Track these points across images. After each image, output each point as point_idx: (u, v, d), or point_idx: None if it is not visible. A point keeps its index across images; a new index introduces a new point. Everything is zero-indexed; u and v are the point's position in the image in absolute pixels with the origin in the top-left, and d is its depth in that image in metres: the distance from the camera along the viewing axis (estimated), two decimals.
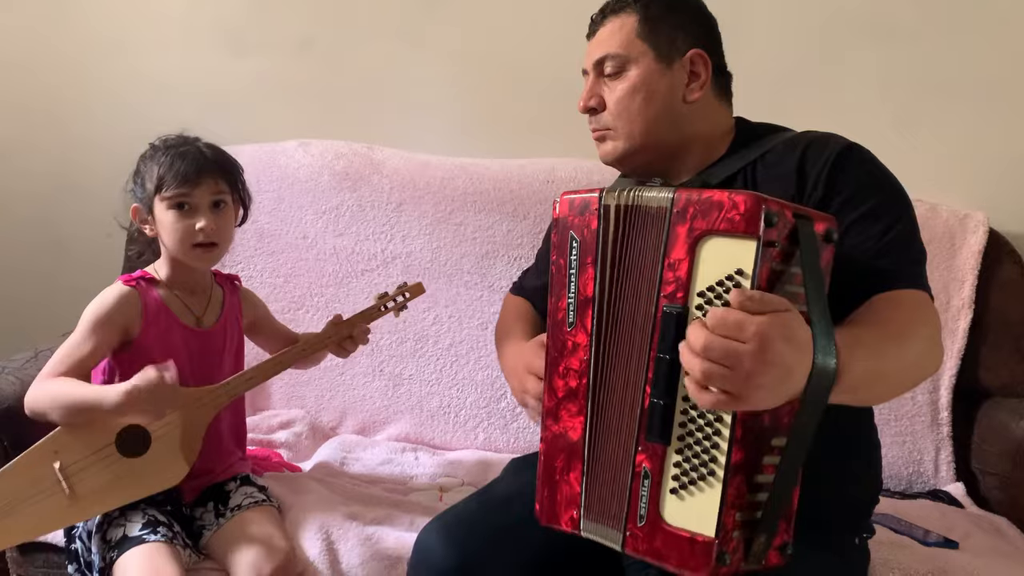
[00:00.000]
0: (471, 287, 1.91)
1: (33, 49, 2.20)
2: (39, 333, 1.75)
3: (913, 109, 1.98)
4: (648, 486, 0.92)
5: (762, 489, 0.88)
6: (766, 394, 0.82)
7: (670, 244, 0.91)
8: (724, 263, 0.86)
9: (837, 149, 1.12)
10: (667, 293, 0.91)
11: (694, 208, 0.89)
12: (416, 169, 1.97)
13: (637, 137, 1.21)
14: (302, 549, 1.34)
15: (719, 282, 0.86)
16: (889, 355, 0.95)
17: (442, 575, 1.11)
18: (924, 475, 1.77)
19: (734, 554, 0.87)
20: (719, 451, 0.86)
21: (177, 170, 1.33)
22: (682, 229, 0.90)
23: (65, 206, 2.22)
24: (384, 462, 1.74)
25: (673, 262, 0.90)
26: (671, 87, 1.20)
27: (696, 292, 0.88)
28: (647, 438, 0.92)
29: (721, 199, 0.87)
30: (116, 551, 1.27)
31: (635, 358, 0.95)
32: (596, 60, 1.23)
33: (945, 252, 1.81)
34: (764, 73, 1.49)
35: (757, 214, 0.84)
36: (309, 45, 2.14)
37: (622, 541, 0.95)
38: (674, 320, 0.89)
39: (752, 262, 0.84)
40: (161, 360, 1.33)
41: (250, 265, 1.93)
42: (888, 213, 1.08)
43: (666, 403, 0.90)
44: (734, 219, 0.85)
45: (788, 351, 0.81)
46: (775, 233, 0.85)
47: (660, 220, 0.93)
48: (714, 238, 0.87)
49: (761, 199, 0.85)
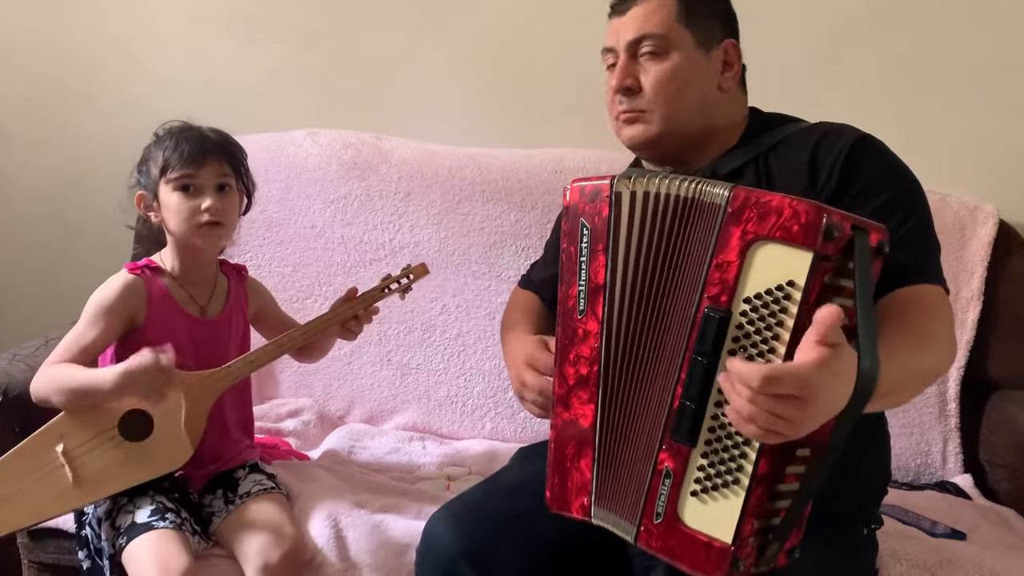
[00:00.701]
0: (479, 277, 1.91)
1: (39, 41, 2.21)
2: (49, 321, 1.76)
3: (923, 100, 1.97)
4: (669, 485, 0.91)
5: (782, 497, 0.88)
6: (811, 427, 0.82)
7: (720, 244, 0.88)
8: (776, 272, 0.84)
9: (851, 140, 1.11)
10: (711, 295, 0.88)
11: (751, 211, 0.86)
12: (424, 159, 1.97)
13: (671, 122, 1.18)
14: (311, 536, 1.35)
15: (768, 291, 0.84)
16: (921, 359, 0.95)
17: (450, 563, 1.11)
18: (932, 466, 1.77)
19: (747, 559, 0.88)
20: (747, 460, 0.86)
21: (182, 151, 1.33)
22: (735, 230, 0.87)
23: (73, 196, 2.24)
24: (392, 451, 1.75)
25: (721, 263, 0.88)
26: (708, 74, 1.20)
27: (742, 298, 0.86)
28: (673, 437, 0.91)
29: (781, 205, 0.84)
30: (125, 537, 1.28)
31: (666, 355, 0.94)
32: (632, 39, 1.19)
33: (955, 243, 1.80)
34: (774, 64, 1.48)
35: (817, 226, 0.81)
36: (317, 35, 2.14)
37: (635, 534, 0.95)
38: (716, 324, 0.87)
39: (805, 275, 0.82)
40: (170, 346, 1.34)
41: (259, 254, 1.93)
42: (903, 206, 1.07)
43: (697, 406, 0.89)
44: (792, 229, 0.83)
45: (835, 388, 0.80)
46: (832, 247, 0.82)
47: (708, 215, 0.90)
48: (768, 244, 0.85)
49: (823, 210, 0.82)
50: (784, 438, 0.81)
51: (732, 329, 0.86)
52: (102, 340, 1.34)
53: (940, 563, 1.27)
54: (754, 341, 0.85)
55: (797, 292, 0.82)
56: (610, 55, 1.24)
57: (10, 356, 1.59)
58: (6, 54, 2.22)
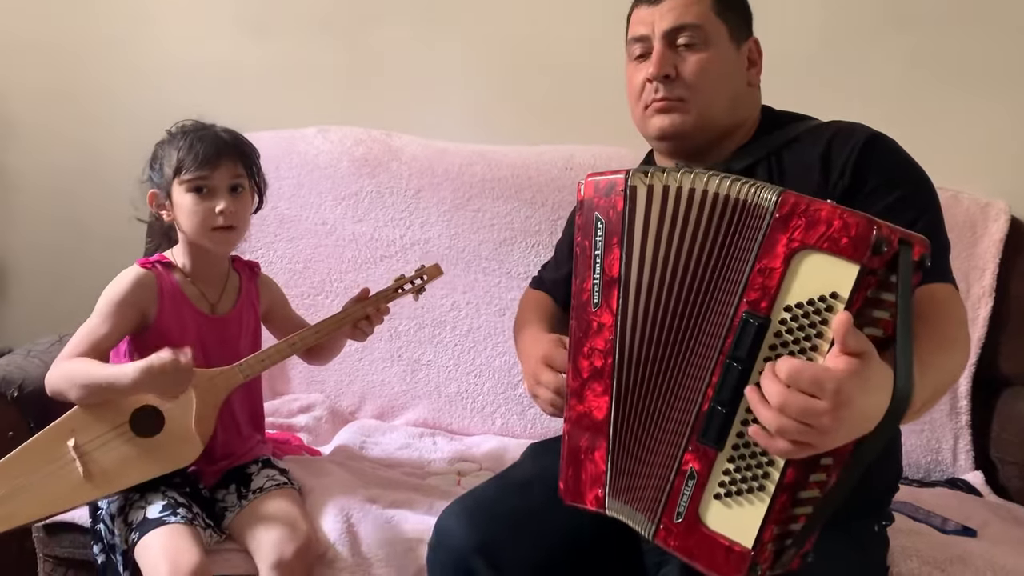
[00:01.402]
0: (489, 273, 1.91)
1: (50, 37, 2.22)
2: (62, 318, 1.77)
3: (935, 97, 1.96)
4: (692, 486, 0.91)
5: (803, 504, 0.88)
6: (841, 440, 0.81)
7: (765, 249, 0.86)
8: (820, 282, 0.82)
9: (863, 138, 1.11)
10: (751, 299, 0.87)
11: (799, 219, 0.84)
12: (434, 156, 1.97)
13: (707, 113, 1.18)
14: (323, 531, 1.36)
15: (810, 301, 0.83)
16: (946, 371, 0.95)
17: (462, 557, 1.12)
18: (942, 464, 1.77)
19: (764, 564, 0.88)
20: (774, 467, 0.85)
21: (196, 153, 1.34)
22: (782, 237, 0.85)
23: (85, 192, 2.25)
24: (402, 447, 1.75)
25: (764, 268, 0.86)
26: (740, 69, 1.21)
27: (783, 306, 0.85)
28: (700, 440, 0.91)
29: (831, 216, 0.82)
30: (137, 533, 1.29)
31: (696, 353, 0.93)
32: (670, 28, 1.18)
33: (966, 240, 1.79)
34: (786, 61, 1.48)
35: (867, 240, 0.80)
36: (328, 32, 2.14)
37: (653, 531, 0.95)
38: (754, 330, 0.86)
39: (850, 288, 0.80)
40: (178, 344, 1.35)
41: (271, 251, 1.94)
42: (915, 204, 1.07)
43: (728, 411, 0.88)
44: (841, 241, 0.81)
45: (866, 402, 0.79)
46: (879, 261, 0.81)
47: (752, 217, 0.89)
48: (814, 254, 0.83)
49: (873, 223, 0.80)
50: (813, 450, 0.80)
51: (770, 336, 0.86)
52: (114, 334, 1.35)
53: (951, 560, 1.27)
54: (792, 350, 0.84)
55: (840, 304, 0.81)
56: (639, 45, 1.22)
57: (25, 352, 1.61)
58: (18, 50, 2.23)
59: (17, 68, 2.24)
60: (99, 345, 1.34)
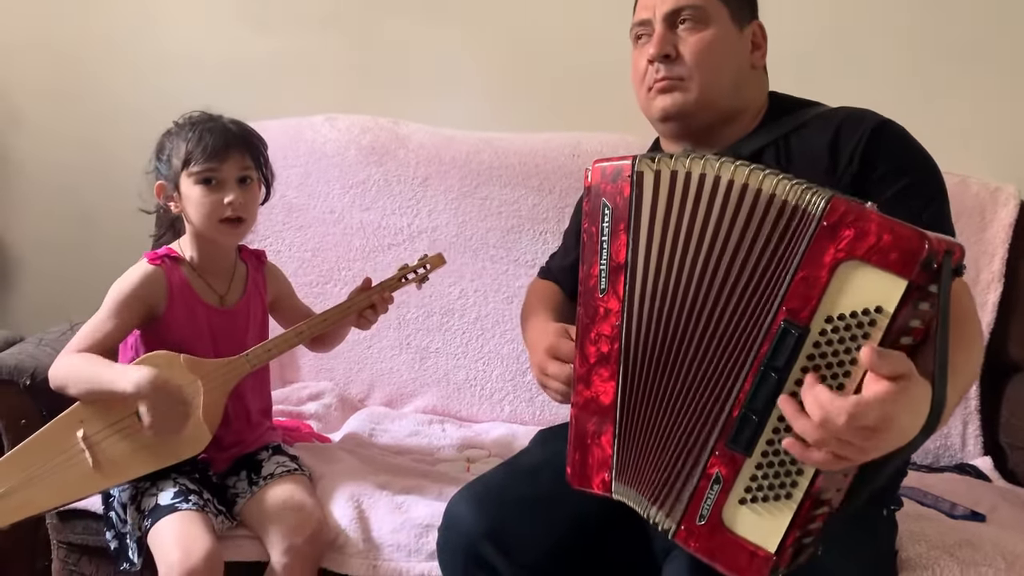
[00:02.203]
0: (497, 261, 1.92)
1: (56, 29, 2.22)
2: (72, 307, 1.78)
3: (944, 80, 1.95)
4: (717, 491, 0.91)
5: (823, 505, 0.88)
6: (877, 455, 0.81)
7: (809, 256, 0.84)
8: (864, 296, 0.81)
9: (871, 125, 1.11)
10: (791, 307, 0.85)
11: (849, 229, 0.82)
12: (441, 143, 1.97)
13: (709, 91, 1.18)
14: (334, 517, 1.37)
15: (853, 314, 0.81)
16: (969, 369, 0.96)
17: (471, 542, 1.12)
18: (951, 449, 1.77)
19: (783, 565, 0.89)
20: (803, 476, 0.85)
21: (206, 145, 1.33)
22: (830, 246, 0.83)
23: (92, 183, 2.25)
24: (412, 434, 1.76)
25: (808, 277, 0.84)
26: (742, 50, 1.21)
27: (824, 317, 0.83)
28: (729, 445, 0.90)
29: (881, 229, 0.80)
30: (150, 520, 1.30)
31: (723, 353, 0.92)
32: (670, 10, 1.19)
33: (975, 225, 1.79)
34: (793, 42, 1.48)
35: (918, 256, 0.78)
36: (334, 20, 2.14)
37: (673, 531, 0.95)
38: (794, 340, 0.84)
39: (896, 303, 0.79)
40: (188, 337, 1.36)
41: (278, 239, 1.95)
42: (923, 192, 1.07)
43: (760, 419, 0.87)
44: (890, 256, 0.79)
45: (908, 419, 0.79)
46: (926, 277, 0.79)
47: (795, 219, 0.87)
48: (861, 266, 0.81)
49: (924, 238, 0.78)
50: (849, 463, 0.80)
51: (808, 347, 0.84)
52: (122, 330, 1.36)
53: (959, 544, 1.27)
54: (830, 363, 0.83)
55: (884, 319, 0.79)
56: (642, 29, 1.23)
57: (36, 341, 1.62)
58: (23, 42, 2.23)
59: (23, 64, 2.24)
60: (105, 341, 1.34)
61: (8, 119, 2.27)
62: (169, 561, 1.23)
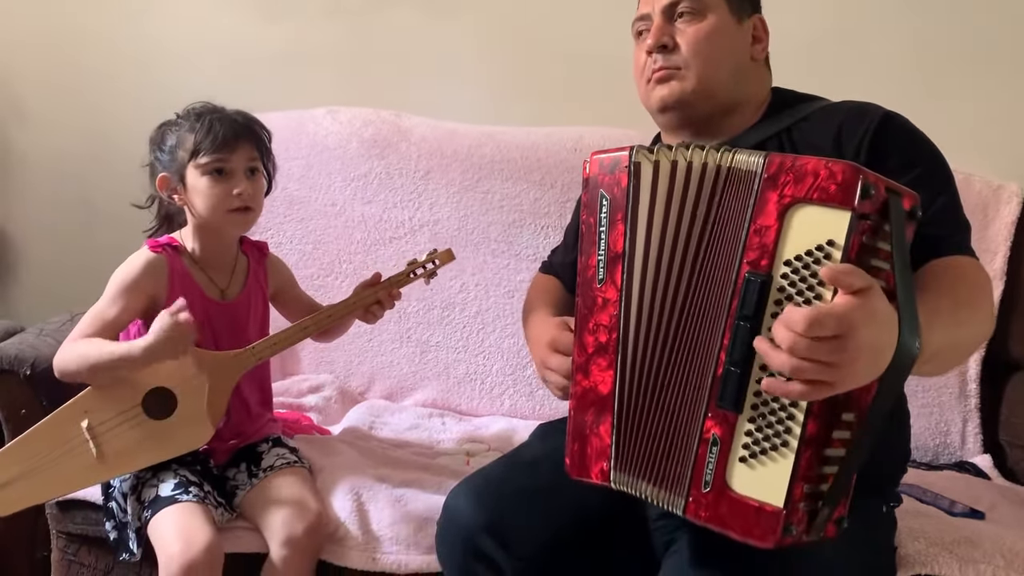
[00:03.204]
0: (498, 255, 1.92)
1: (58, 20, 2.22)
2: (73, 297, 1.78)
3: (947, 78, 1.95)
4: (716, 453, 0.91)
5: (830, 462, 0.88)
6: (856, 378, 0.82)
7: (758, 209, 0.89)
8: (815, 233, 0.84)
9: (877, 118, 1.11)
10: (751, 259, 0.89)
11: (787, 175, 0.87)
12: (443, 137, 1.97)
13: (706, 81, 1.18)
14: (333, 509, 1.37)
15: (808, 252, 0.85)
16: (964, 323, 0.96)
17: (471, 535, 1.13)
18: (951, 447, 1.77)
19: (799, 525, 0.88)
20: (794, 422, 0.86)
21: (215, 135, 1.33)
22: (772, 195, 0.88)
23: (94, 174, 2.25)
24: (412, 427, 1.76)
25: (760, 228, 0.88)
26: (741, 42, 1.21)
27: (783, 260, 0.87)
28: (719, 405, 0.91)
29: (817, 167, 0.85)
30: (150, 511, 1.30)
31: (705, 322, 0.94)
32: (668, 3, 1.20)
33: (978, 223, 1.76)
34: (797, 38, 1.48)
35: (854, 185, 0.82)
36: (336, 12, 2.14)
37: (683, 506, 0.95)
38: (758, 288, 0.87)
39: (844, 234, 0.82)
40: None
41: (280, 232, 1.95)
42: (933, 182, 1.07)
43: (742, 371, 0.89)
44: (829, 189, 0.83)
45: (874, 334, 0.80)
46: (869, 206, 0.83)
47: (743, 182, 0.91)
48: (806, 207, 0.85)
49: (858, 170, 0.83)
50: (830, 389, 0.81)
51: (774, 292, 0.87)
52: (124, 317, 1.35)
53: (958, 542, 1.27)
54: (797, 302, 0.86)
55: (837, 251, 0.83)
56: (642, 24, 1.24)
57: (37, 331, 1.62)
58: (26, 33, 2.23)
59: (26, 55, 2.24)
60: (108, 327, 1.34)
61: (11, 110, 2.27)
62: (169, 552, 1.23)
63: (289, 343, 1.43)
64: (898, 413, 1.19)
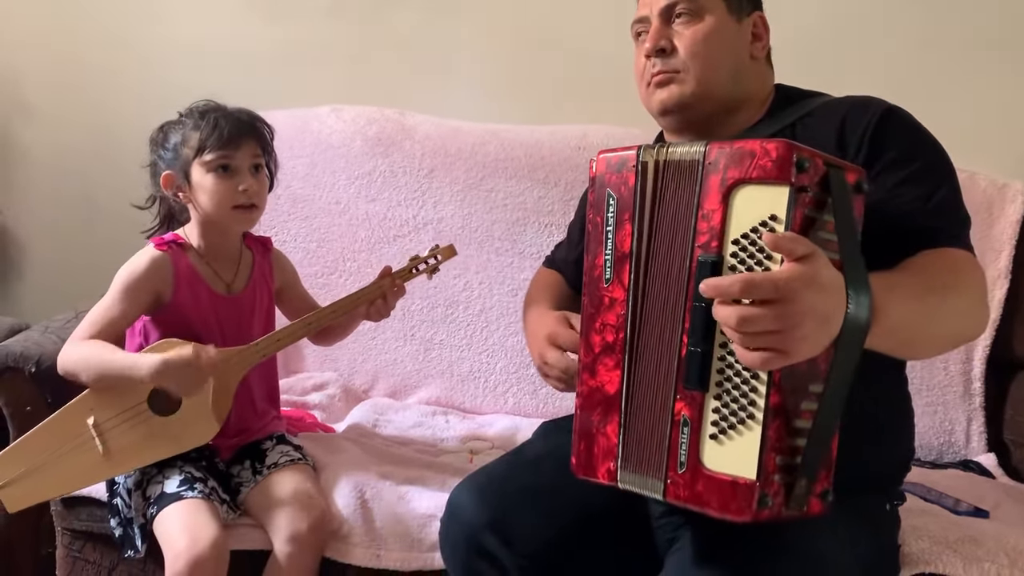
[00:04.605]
0: (502, 253, 1.92)
1: (63, 18, 2.23)
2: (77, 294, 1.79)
3: (952, 76, 1.94)
4: (687, 433, 0.92)
5: (801, 435, 0.89)
6: (808, 344, 0.83)
7: (703, 195, 0.91)
8: (758, 210, 0.87)
9: (879, 112, 1.11)
10: (702, 243, 0.91)
11: (726, 159, 0.90)
12: (447, 135, 1.97)
13: (705, 83, 1.19)
14: (337, 506, 1.37)
15: (753, 229, 0.87)
16: (929, 302, 0.95)
17: (473, 532, 1.13)
18: (955, 445, 1.77)
19: (775, 497, 0.88)
20: (758, 395, 0.87)
21: (221, 133, 1.34)
22: (715, 179, 0.90)
23: (98, 171, 2.26)
24: (415, 425, 1.76)
25: (707, 212, 0.91)
26: (740, 41, 1.21)
27: (731, 240, 0.89)
28: (685, 386, 0.93)
29: (753, 148, 0.88)
30: (155, 507, 1.30)
31: (671, 310, 0.96)
32: (666, 5, 1.20)
33: (982, 222, 1.78)
34: (798, 39, 1.48)
35: (789, 160, 0.85)
36: (340, 10, 2.14)
37: (663, 489, 0.95)
38: (709, 268, 0.89)
39: (785, 207, 0.85)
40: (194, 324, 1.36)
41: (284, 230, 1.95)
42: (933, 176, 1.07)
43: (703, 350, 0.91)
44: (766, 166, 0.86)
45: (819, 298, 0.81)
46: (807, 178, 0.86)
47: (694, 172, 0.93)
48: (747, 187, 0.88)
49: (792, 146, 0.85)
50: (785, 357, 0.82)
51: (725, 271, 0.89)
52: (128, 315, 1.36)
53: (962, 540, 1.27)
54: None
55: (780, 225, 0.85)
56: (641, 26, 1.25)
57: (42, 328, 1.62)
58: (30, 31, 2.24)
59: (30, 52, 2.25)
60: (113, 326, 1.35)
61: (15, 107, 2.27)
62: (176, 549, 1.24)
63: (294, 338, 1.43)
64: (902, 411, 1.19)
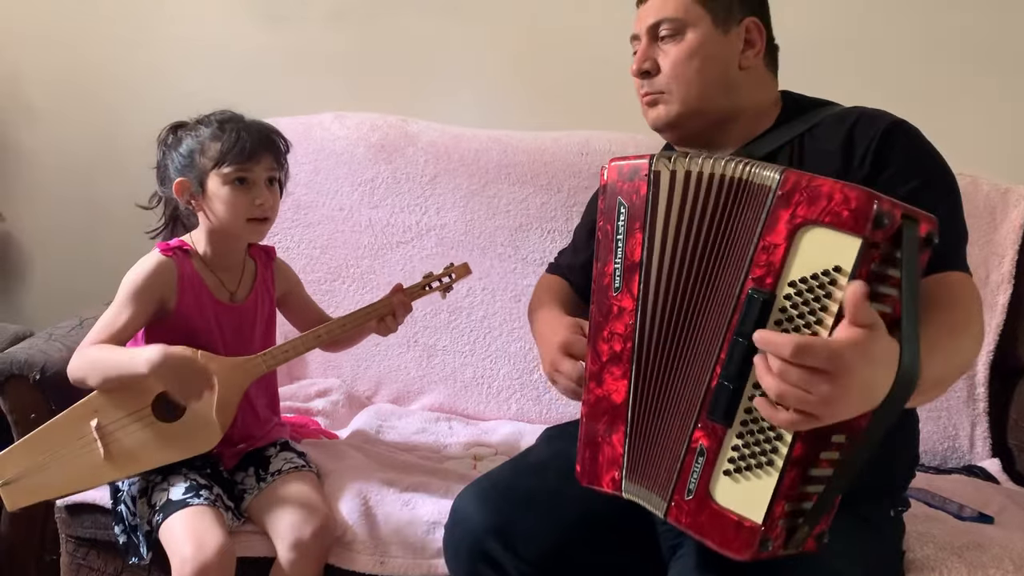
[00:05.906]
0: (504, 260, 1.92)
1: (67, 22, 2.24)
2: (82, 301, 1.79)
3: (956, 81, 1.94)
4: (702, 463, 0.92)
5: (814, 481, 0.88)
6: (846, 413, 0.81)
7: (768, 226, 0.88)
8: (823, 257, 0.83)
9: (885, 125, 1.11)
10: (756, 276, 0.88)
11: (801, 194, 0.85)
12: (450, 141, 1.97)
13: (691, 102, 1.19)
14: (341, 513, 1.37)
15: (814, 275, 0.84)
16: (958, 353, 0.96)
17: (477, 539, 1.13)
18: (959, 451, 1.76)
19: (776, 540, 0.88)
20: (782, 443, 0.86)
21: (243, 146, 1.35)
22: (784, 213, 0.86)
23: (102, 176, 2.26)
24: (419, 431, 1.76)
25: (768, 245, 0.87)
26: (727, 53, 1.20)
27: (787, 281, 0.86)
28: (709, 416, 0.91)
29: (832, 190, 0.83)
30: (161, 515, 1.30)
31: (706, 333, 0.94)
32: (651, 24, 1.21)
33: (985, 226, 1.78)
34: (805, 41, 1.47)
35: (867, 213, 0.80)
36: (343, 17, 2.15)
37: (665, 509, 0.95)
38: (759, 306, 0.87)
39: (853, 261, 0.81)
40: (197, 332, 1.36)
41: (287, 236, 1.95)
42: (934, 192, 1.07)
43: (736, 387, 0.89)
44: (842, 214, 0.82)
45: (869, 371, 0.79)
46: (881, 235, 0.81)
47: (757, 197, 0.90)
48: (816, 228, 0.84)
49: (873, 197, 0.81)
50: (816, 421, 0.80)
51: (775, 312, 0.86)
52: (135, 322, 1.36)
53: (967, 546, 1.27)
54: (796, 325, 0.85)
55: (843, 278, 0.81)
56: (635, 43, 1.25)
57: (47, 335, 1.62)
58: (35, 36, 2.25)
59: (35, 55, 2.25)
60: (119, 333, 1.35)
61: (19, 111, 2.28)
62: (182, 556, 1.24)
63: (302, 350, 1.43)
64: (906, 417, 1.19)
